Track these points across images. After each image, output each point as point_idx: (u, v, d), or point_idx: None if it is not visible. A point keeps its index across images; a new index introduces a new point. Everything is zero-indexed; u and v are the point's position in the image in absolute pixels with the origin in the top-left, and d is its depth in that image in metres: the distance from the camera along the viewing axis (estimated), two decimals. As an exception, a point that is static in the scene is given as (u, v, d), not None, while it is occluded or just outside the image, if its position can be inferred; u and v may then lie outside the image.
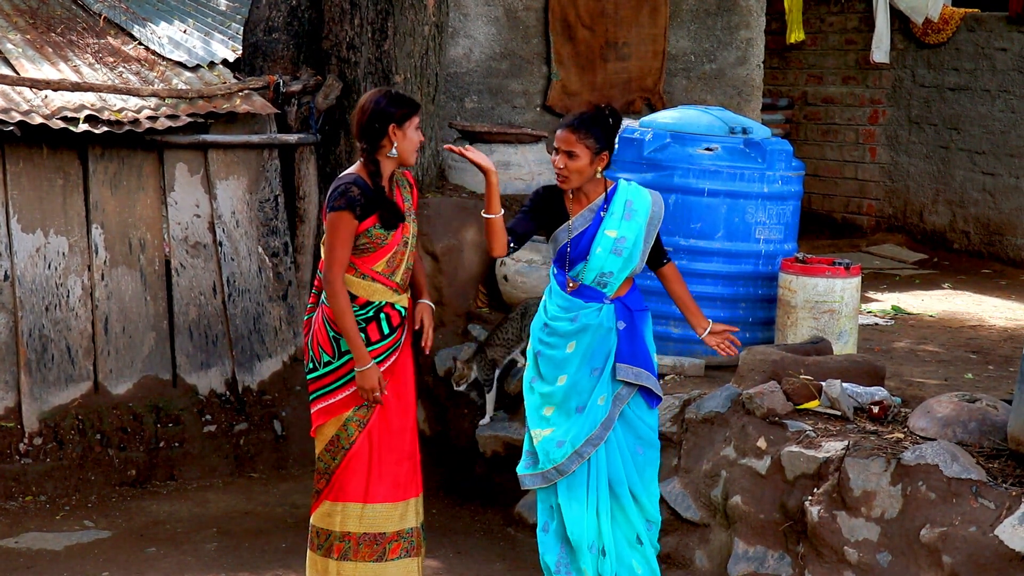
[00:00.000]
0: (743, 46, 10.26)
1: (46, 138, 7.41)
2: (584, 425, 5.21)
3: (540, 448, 5.26)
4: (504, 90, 9.48)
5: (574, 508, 5.23)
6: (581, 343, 5.21)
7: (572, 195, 5.23)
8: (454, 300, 7.76)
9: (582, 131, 5.11)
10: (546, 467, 5.25)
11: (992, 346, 7.50)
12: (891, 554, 4.98)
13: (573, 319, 5.21)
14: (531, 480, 5.32)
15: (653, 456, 5.35)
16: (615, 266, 5.17)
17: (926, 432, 5.27)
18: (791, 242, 6.80)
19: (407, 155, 5.24)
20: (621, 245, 5.16)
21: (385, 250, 5.22)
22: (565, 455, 5.21)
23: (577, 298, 5.21)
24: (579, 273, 5.19)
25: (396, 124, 5.18)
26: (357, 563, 5.32)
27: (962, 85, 11.02)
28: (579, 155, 5.11)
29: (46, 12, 8.92)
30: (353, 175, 5.21)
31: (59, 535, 6.72)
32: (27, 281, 7.39)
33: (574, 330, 5.21)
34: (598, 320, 5.19)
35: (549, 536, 5.32)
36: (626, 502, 5.26)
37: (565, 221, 5.21)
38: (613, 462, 5.25)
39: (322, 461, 5.35)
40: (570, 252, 5.20)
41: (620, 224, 5.17)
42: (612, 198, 5.21)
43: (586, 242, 5.17)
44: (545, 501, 5.34)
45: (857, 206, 12.07)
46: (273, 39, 8.25)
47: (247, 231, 7.98)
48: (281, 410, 7.89)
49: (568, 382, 5.23)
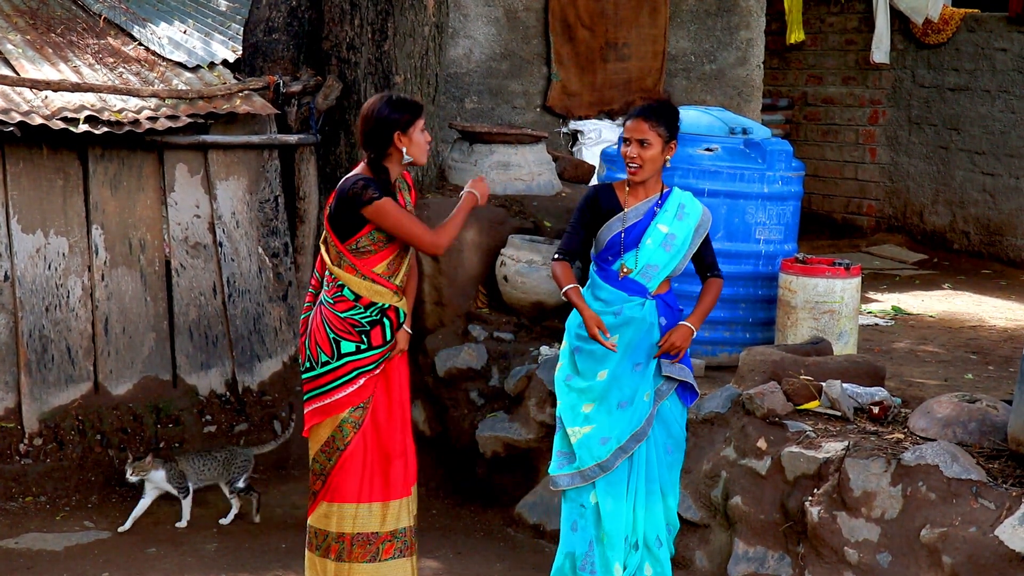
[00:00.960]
0: (743, 46, 10.26)
1: (46, 139, 7.41)
2: (631, 421, 5.25)
3: (580, 445, 5.27)
4: (504, 90, 9.48)
5: (613, 503, 5.26)
6: (624, 337, 5.26)
7: (629, 188, 5.29)
8: (454, 300, 7.75)
9: (654, 119, 5.20)
10: (587, 464, 5.26)
11: (992, 346, 7.50)
12: (891, 554, 4.98)
13: (616, 312, 5.25)
14: (568, 480, 5.32)
15: (679, 458, 5.43)
16: (662, 260, 5.24)
17: (926, 432, 5.27)
18: (791, 242, 6.80)
19: (419, 158, 5.28)
20: (671, 241, 5.25)
21: (386, 253, 5.23)
22: (610, 451, 5.24)
23: (621, 291, 5.25)
24: (630, 261, 5.26)
25: (401, 131, 5.20)
26: (352, 564, 5.33)
27: (962, 85, 11.02)
28: (652, 143, 5.20)
29: (46, 13, 8.92)
30: (358, 174, 5.22)
31: (59, 536, 6.72)
32: (27, 281, 7.39)
33: (617, 324, 5.26)
34: (642, 314, 5.25)
35: (577, 535, 5.32)
36: (656, 499, 5.32)
37: (618, 213, 5.27)
38: (650, 458, 5.31)
39: (317, 462, 5.36)
40: (624, 239, 5.25)
41: (672, 222, 5.27)
42: (667, 198, 5.32)
43: (637, 233, 5.25)
44: (575, 500, 5.34)
45: (857, 206, 12.07)
46: (273, 39, 8.24)
47: (247, 231, 7.98)
48: (281, 410, 7.89)
49: (609, 377, 5.26)
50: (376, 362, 5.27)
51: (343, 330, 5.24)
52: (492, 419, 7.13)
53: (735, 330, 6.73)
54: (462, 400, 7.40)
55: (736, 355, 6.27)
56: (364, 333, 5.24)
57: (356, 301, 5.23)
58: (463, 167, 8.35)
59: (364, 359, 5.27)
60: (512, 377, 7.09)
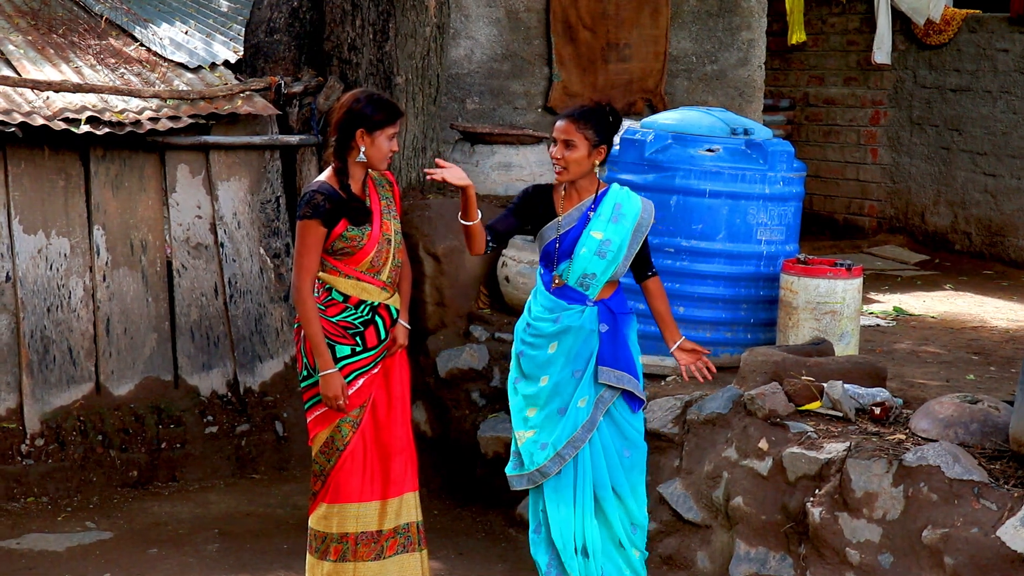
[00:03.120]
0: (744, 47, 10.26)
1: (48, 139, 7.41)
2: (565, 427, 5.22)
3: (524, 450, 5.28)
4: (505, 91, 9.48)
5: (560, 511, 5.25)
6: (563, 344, 5.22)
7: (564, 192, 5.24)
8: (456, 301, 7.76)
9: (581, 122, 5.13)
10: (530, 469, 5.26)
11: (994, 347, 7.49)
12: (893, 555, 4.98)
13: (556, 320, 5.22)
14: (518, 481, 5.34)
15: (639, 459, 5.35)
16: (598, 268, 5.18)
17: (928, 433, 5.27)
18: (792, 243, 6.79)
19: (375, 163, 5.22)
20: (606, 248, 5.17)
21: (365, 251, 5.22)
22: (547, 457, 5.22)
23: (560, 299, 5.22)
24: (564, 272, 5.20)
25: (365, 130, 5.15)
26: (357, 563, 5.33)
27: (963, 86, 11.02)
28: (577, 145, 5.12)
29: (48, 13, 8.93)
30: (320, 182, 5.22)
31: (61, 536, 6.72)
32: (29, 282, 7.40)
33: (556, 331, 5.22)
34: (580, 322, 5.20)
35: (541, 537, 5.33)
36: (608, 505, 5.27)
37: (553, 219, 5.22)
38: (597, 464, 5.26)
39: (317, 463, 5.36)
40: (558, 249, 5.20)
41: (607, 226, 5.18)
42: (601, 200, 5.23)
43: (570, 241, 5.18)
44: (536, 503, 5.35)
45: (858, 207, 12.07)
46: (274, 40, 8.25)
47: (248, 232, 7.99)
48: (282, 411, 7.89)
49: (550, 383, 5.24)
50: (373, 362, 5.28)
51: (337, 334, 5.23)
52: (493, 420, 7.13)
53: (736, 331, 6.72)
54: (463, 401, 7.41)
55: (737, 356, 6.27)
56: (358, 335, 5.24)
57: (345, 302, 5.23)
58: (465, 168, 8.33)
59: (360, 361, 5.27)
60: (514, 378, 7.09)
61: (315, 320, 5.16)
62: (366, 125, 5.15)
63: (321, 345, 5.17)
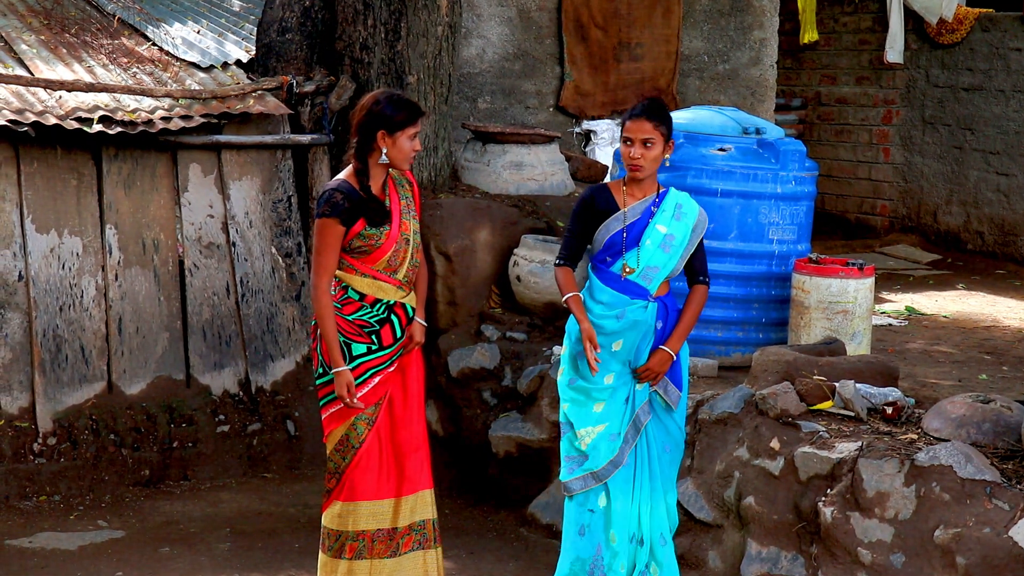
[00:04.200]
0: (756, 46, 10.24)
1: (60, 139, 7.43)
2: (628, 412, 5.26)
3: (593, 446, 5.25)
4: (517, 90, 9.48)
5: (623, 504, 5.26)
6: (627, 341, 5.23)
7: (626, 187, 5.26)
8: (467, 300, 7.76)
9: (656, 119, 5.18)
10: (601, 464, 5.24)
11: (1006, 347, 7.48)
12: (905, 555, 4.97)
13: (619, 316, 5.21)
14: (580, 483, 5.29)
15: (678, 456, 5.42)
16: (660, 261, 5.21)
17: (940, 433, 5.26)
18: (804, 242, 6.79)
19: (397, 163, 5.22)
20: (669, 242, 5.21)
21: (383, 250, 5.21)
22: (618, 446, 5.24)
23: (623, 292, 5.21)
24: (632, 260, 5.21)
25: (386, 131, 5.13)
26: (373, 560, 5.32)
27: (976, 85, 10.99)
28: (655, 142, 5.17)
29: (60, 13, 8.95)
30: (339, 180, 5.22)
31: (73, 535, 6.74)
32: (41, 281, 7.41)
33: (620, 328, 5.22)
34: (644, 316, 5.22)
35: (585, 539, 5.30)
36: (659, 497, 5.33)
37: (615, 213, 5.23)
38: (652, 455, 5.32)
39: (332, 461, 5.35)
40: (625, 238, 5.21)
41: (671, 222, 5.23)
42: (664, 198, 5.27)
43: (637, 232, 5.20)
44: (583, 504, 5.31)
45: (871, 206, 12.05)
46: (286, 40, 8.25)
47: (260, 231, 7.99)
48: (294, 410, 7.90)
49: (615, 379, 5.26)
50: (389, 360, 5.27)
51: (353, 333, 5.23)
52: (505, 419, 7.13)
53: (748, 330, 6.72)
54: (475, 400, 7.41)
55: (749, 355, 6.26)
56: (374, 333, 5.24)
57: (361, 300, 5.23)
58: (476, 167, 8.35)
59: (376, 359, 5.27)
60: (525, 377, 7.09)
61: (330, 318, 5.17)
62: (387, 126, 5.13)
63: (334, 343, 5.17)
